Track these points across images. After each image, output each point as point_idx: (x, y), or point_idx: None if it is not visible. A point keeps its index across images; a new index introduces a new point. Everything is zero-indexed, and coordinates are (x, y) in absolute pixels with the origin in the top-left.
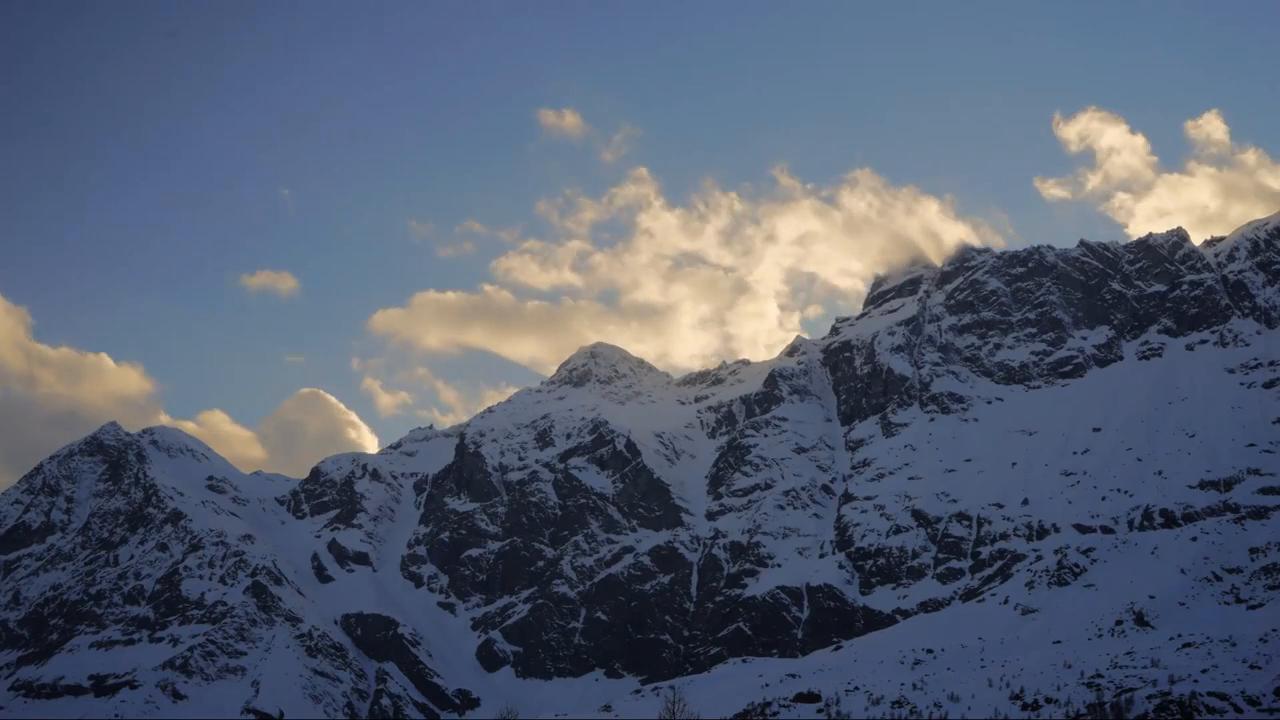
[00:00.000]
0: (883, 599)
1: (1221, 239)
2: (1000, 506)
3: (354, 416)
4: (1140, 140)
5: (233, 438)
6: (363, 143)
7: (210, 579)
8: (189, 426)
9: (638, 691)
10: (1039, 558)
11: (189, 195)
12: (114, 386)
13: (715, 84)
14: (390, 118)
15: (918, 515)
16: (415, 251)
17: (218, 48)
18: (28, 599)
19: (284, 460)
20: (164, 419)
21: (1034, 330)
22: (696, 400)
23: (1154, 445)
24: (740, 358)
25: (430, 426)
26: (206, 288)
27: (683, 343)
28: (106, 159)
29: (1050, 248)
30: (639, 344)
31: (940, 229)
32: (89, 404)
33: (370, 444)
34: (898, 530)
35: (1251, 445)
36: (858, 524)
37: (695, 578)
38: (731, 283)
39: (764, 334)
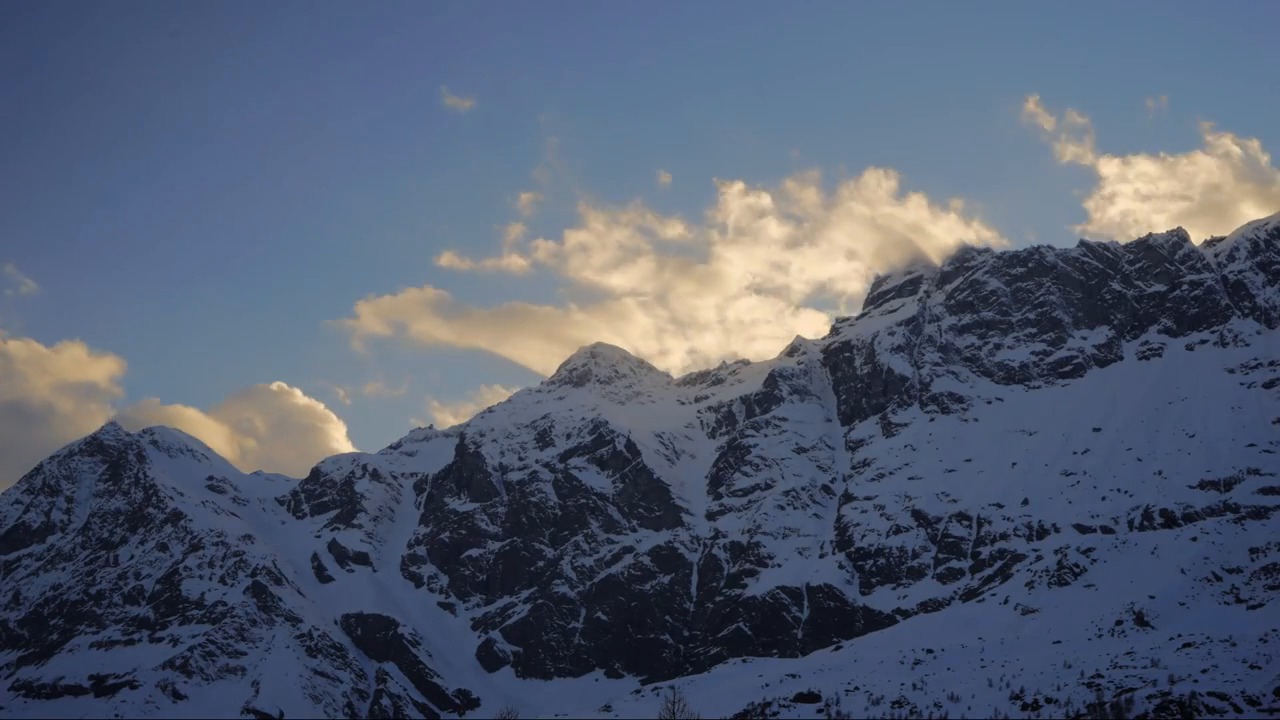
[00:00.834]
0: (883, 599)
1: (1221, 239)
2: (1000, 506)
3: (299, 395)
4: (1089, 122)
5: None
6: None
7: (210, 579)
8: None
9: (638, 691)
10: (1039, 558)
11: (138, 186)
12: (65, 375)
13: (660, 85)
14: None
15: (918, 515)
16: (364, 250)
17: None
18: (28, 599)
19: (243, 447)
20: (112, 412)
21: (1034, 330)
22: (696, 400)
23: (1154, 445)
24: (685, 335)
25: (430, 426)
26: (166, 278)
27: (635, 325)
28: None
29: (1050, 248)
30: (595, 331)
31: (895, 212)
32: (37, 393)
33: (338, 433)
34: (898, 530)
35: (1251, 445)
36: (858, 524)
37: (695, 578)
38: (677, 266)
39: (703, 311)
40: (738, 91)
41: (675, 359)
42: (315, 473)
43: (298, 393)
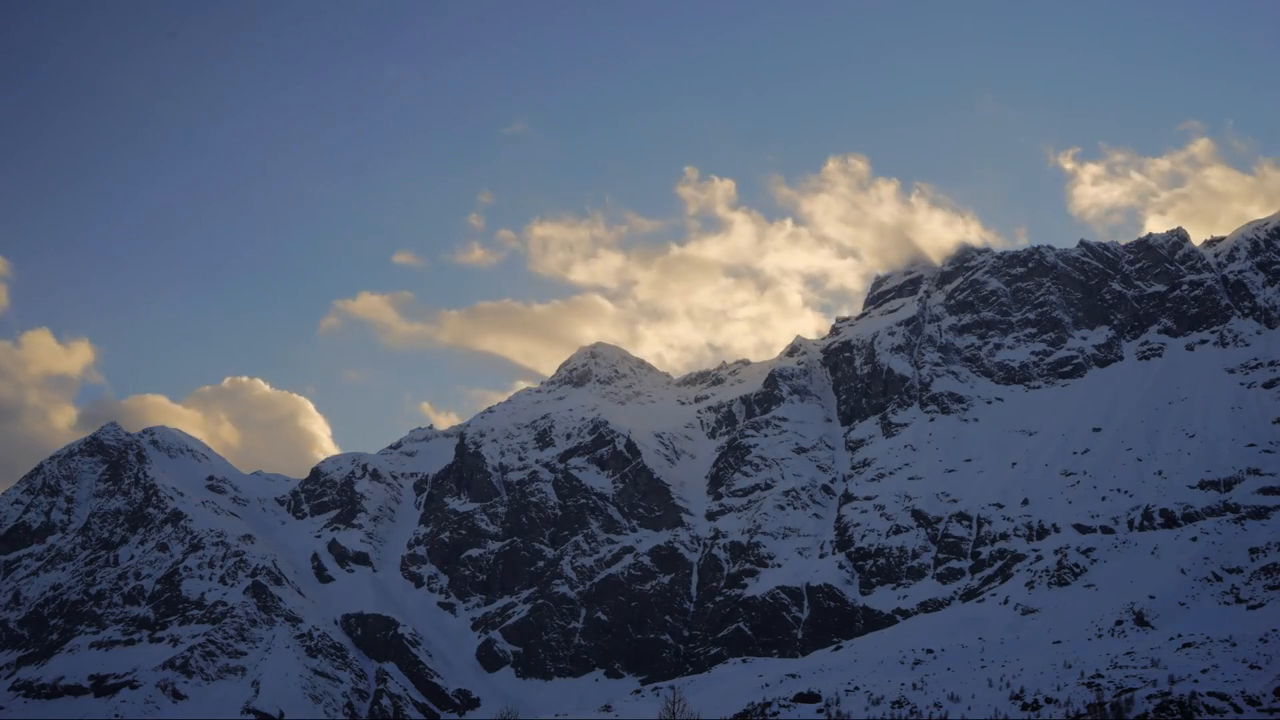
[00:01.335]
0: (883, 599)
1: (1221, 239)
2: (1000, 506)
3: (264, 387)
4: (1050, 115)
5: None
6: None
7: (210, 579)
8: None
9: (638, 691)
10: (1039, 558)
11: (107, 180)
12: (34, 364)
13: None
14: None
15: (918, 515)
16: (328, 249)
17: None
18: (28, 599)
19: (216, 437)
20: (74, 412)
21: (1034, 330)
22: (696, 400)
23: (1154, 445)
24: (658, 326)
25: (430, 426)
26: (135, 270)
27: (604, 317)
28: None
29: (1050, 248)
30: (561, 324)
31: (864, 198)
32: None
33: (311, 426)
34: (898, 530)
35: (1251, 445)
36: (858, 524)
37: (695, 578)
38: (645, 258)
39: (674, 301)
40: (702, 85)
41: (649, 347)
42: (315, 473)
43: (260, 383)
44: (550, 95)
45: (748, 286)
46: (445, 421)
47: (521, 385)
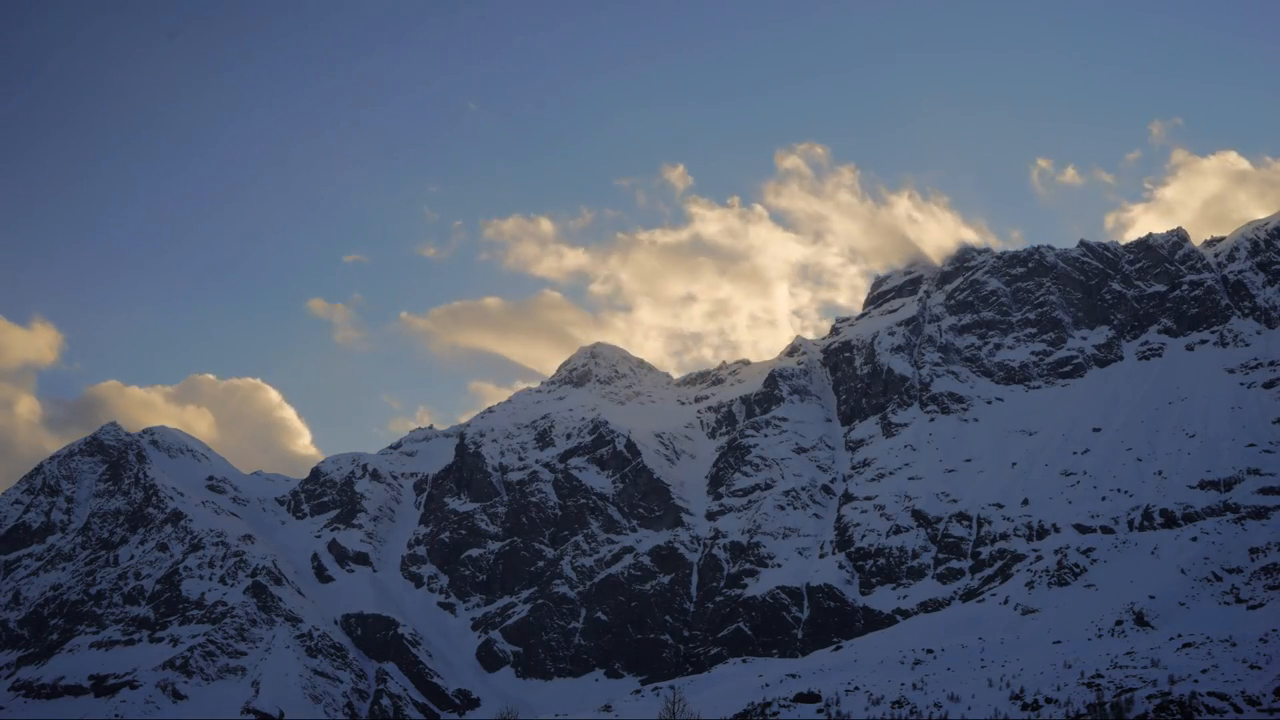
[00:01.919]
0: (883, 599)
1: (1221, 239)
2: (1000, 506)
3: (219, 381)
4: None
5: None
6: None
7: (210, 579)
8: None
9: (638, 691)
10: (1039, 558)
11: (76, 172)
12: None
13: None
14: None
15: (918, 515)
16: (281, 249)
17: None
18: (28, 599)
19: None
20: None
21: (1034, 330)
22: (696, 400)
23: (1154, 445)
24: (626, 318)
25: (430, 427)
26: (105, 262)
27: (560, 304)
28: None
29: (1050, 248)
30: (530, 319)
31: (827, 185)
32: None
33: (288, 414)
34: (898, 530)
35: (1251, 445)
36: (858, 524)
37: (695, 578)
38: (605, 251)
39: (641, 292)
40: (666, 79)
41: (617, 336)
42: (315, 473)
43: (233, 379)
44: (506, 87)
45: (709, 271)
46: (421, 414)
47: (475, 382)
